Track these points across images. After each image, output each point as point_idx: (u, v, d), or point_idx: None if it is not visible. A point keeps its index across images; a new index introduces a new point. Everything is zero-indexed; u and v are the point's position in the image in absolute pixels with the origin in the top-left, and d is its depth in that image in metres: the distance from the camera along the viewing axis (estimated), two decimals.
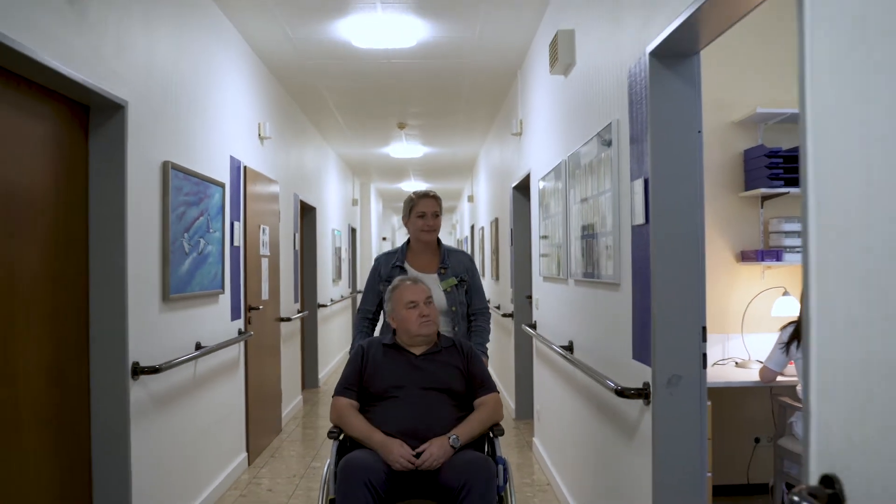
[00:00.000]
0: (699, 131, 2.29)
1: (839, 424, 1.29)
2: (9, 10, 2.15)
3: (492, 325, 3.29)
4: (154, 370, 3.05)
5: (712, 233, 3.95)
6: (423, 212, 3.24)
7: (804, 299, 1.40)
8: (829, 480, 1.29)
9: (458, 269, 3.26)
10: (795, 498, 1.27)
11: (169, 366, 3.17)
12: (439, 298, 3.11)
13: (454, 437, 2.55)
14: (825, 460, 1.33)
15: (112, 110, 2.88)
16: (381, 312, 3.20)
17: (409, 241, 3.38)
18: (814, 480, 1.34)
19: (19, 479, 2.40)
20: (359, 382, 2.75)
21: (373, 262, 3.39)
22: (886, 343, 1.14)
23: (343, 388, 2.75)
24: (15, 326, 2.39)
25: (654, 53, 2.29)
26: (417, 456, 2.50)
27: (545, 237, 4.47)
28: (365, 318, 3.32)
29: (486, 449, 2.78)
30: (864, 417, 1.21)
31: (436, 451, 2.50)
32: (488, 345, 3.34)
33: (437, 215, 3.27)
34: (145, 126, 3.13)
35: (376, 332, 3.30)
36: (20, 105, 2.43)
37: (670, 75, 2.30)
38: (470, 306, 3.30)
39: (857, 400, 1.23)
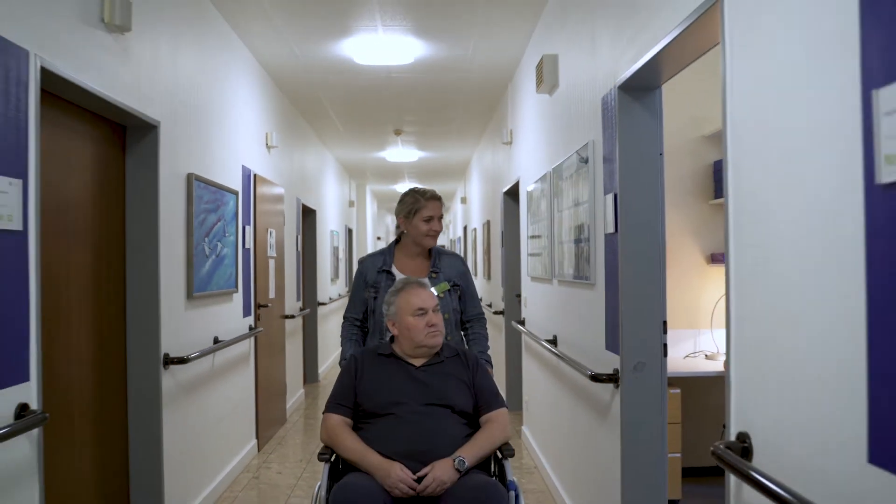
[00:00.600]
0: (660, 154, 2.68)
1: (750, 394, 1.68)
2: (74, 52, 2.52)
3: (488, 330, 3.21)
4: (182, 360, 3.42)
5: (685, 237, 4.35)
6: (430, 215, 3.00)
7: (727, 299, 1.79)
8: (742, 436, 1.69)
9: (450, 273, 3.03)
10: (715, 449, 1.66)
11: (194, 357, 3.54)
12: None
13: (460, 458, 2.28)
14: (740, 421, 1.72)
15: (146, 130, 3.25)
16: (369, 320, 3.04)
17: (395, 242, 3.12)
18: (732, 437, 1.74)
19: (69, 453, 2.76)
20: (352, 398, 2.49)
21: (357, 266, 3.12)
22: (780, 334, 1.53)
23: (335, 404, 2.50)
24: (70, 321, 2.76)
25: (622, 87, 2.67)
26: (419, 480, 2.25)
27: (533, 237, 4.85)
28: (353, 325, 3.06)
29: (492, 469, 2.54)
30: (766, 390, 1.60)
31: (439, 474, 2.24)
32: (489, 352, 3.15)
33: (441, 218, 3.06)
34: (173, 142, 3.49)
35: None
36: (75, 129, 2.79)
37: (636, 106, 2.68)
38: (464, 313, 3.08)
39: (762, 376, 1.62)
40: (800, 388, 1.45)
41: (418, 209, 3.00)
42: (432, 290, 2.85)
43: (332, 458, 2.46)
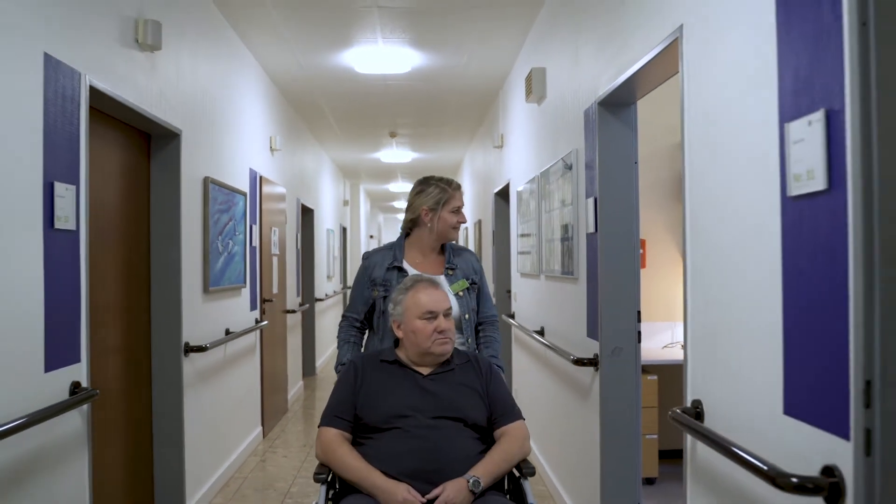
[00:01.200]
0: (635, 162, 3.01)
1: (702, 367, 2.02)
2: (114, 71, 2.82)
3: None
4: (200, 349, 3.72)
5: (663, 236, 4.69)
6: (457, 206, 2.75)
7: (684, 290, 2.13)
8: (696, 403, 2.02)
9: (466, 269, 2.75)
10: (673, 413, 2.00)
11: (212, 346, 3.85)
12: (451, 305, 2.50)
13: (474, 478, 2.06)
14: (695, 390, 2.06)
15: (170, 137, 3.55)
16: (377, 321, 2.73)
17: (405, 235, 2.81)
18: (688, 403, 2.07)
19: (103, 431, 3.07)
20: (352, 409, 2.23)
21: (361, 260, 2.82)
22: (723, 322, 1.86)
23: (331, 417, 2.23)
24: (106, 312, 3.06)
25: (602, 103, 3.00)
26: (429, 503, 2.04)
27: (523, 236, 5.18)
28: (352, 325, 2.75)
29: (505, 486, 2.31)
30: (714, 365, 1.94)
31: (452, 496, 2.02)
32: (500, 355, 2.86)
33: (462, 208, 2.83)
34: (191, 148, 3.79)
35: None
36: (108, 138, 3.10)
37: (614, 120, 3.01)
38: (478, 314, 2.79)
39: (711, 355, 1.96)
40: (738, 364, 1.78)
41: (446, 200, 2.71)
42: (448, 289, 2.63)
43: (330, 478, 2.21)
